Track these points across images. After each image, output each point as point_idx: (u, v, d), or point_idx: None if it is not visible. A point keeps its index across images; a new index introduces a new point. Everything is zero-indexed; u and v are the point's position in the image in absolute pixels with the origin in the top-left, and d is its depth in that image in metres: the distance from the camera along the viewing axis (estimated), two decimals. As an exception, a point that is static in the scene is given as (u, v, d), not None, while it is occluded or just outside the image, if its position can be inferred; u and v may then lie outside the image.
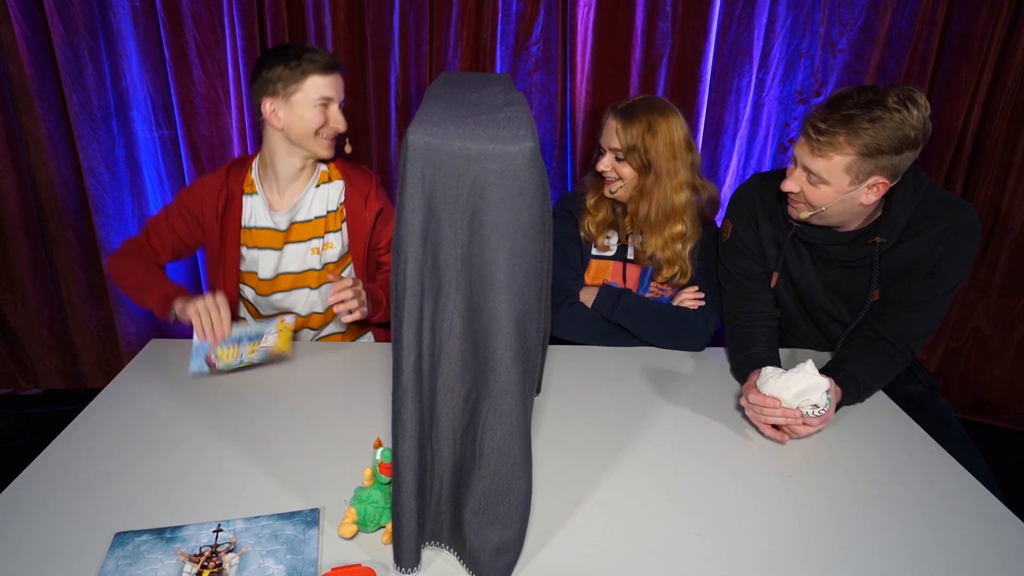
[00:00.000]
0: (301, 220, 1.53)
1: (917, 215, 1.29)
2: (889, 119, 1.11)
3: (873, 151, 1.14)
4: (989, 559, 0.92)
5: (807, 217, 1.30)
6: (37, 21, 1.94)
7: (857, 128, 1.13)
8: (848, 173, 1.18)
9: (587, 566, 0.88)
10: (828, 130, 1.15)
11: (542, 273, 0.82)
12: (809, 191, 1.24)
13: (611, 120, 1.47)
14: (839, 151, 1.16)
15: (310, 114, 1.41)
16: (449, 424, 0.84)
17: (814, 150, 1.18)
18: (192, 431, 1.14)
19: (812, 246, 1.38)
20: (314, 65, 1.38)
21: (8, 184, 2.10)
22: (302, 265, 1.55)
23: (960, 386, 2.51)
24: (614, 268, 1.57)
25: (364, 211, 1.54)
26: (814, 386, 1.13)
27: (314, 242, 1.54)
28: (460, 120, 0.77)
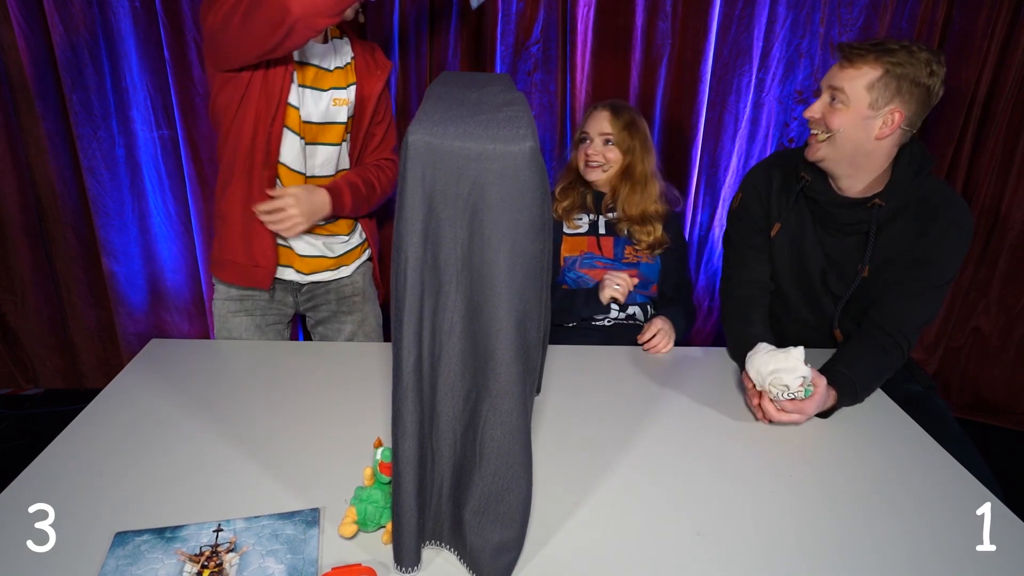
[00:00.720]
0: (329, 68, 1.49)
1: (915, 197, 1.34)
2: (917, 58, 1.23)
3: (897, 75, 1.24)
4: (989, 559, 0.92)
5: (823, 156, 1.34)
6: (37, 21, 1.94)
7: (888, 48, 1.24)
8: (870, 93, 1.26)
9: (587, 566, 0.88)
10: (860, 46, 1.26)
11: (542, 273, 0.82)
12: (830, 113, 1.31)
13: (599, 112, 1.71)
14: (866, 64, 1.25)
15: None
16: (449, 424, 0.84)
17: (842, 64, 1.28)
18: (192, 431, 1.14)
19: (816, 205, 1.42)
20: None
21: (8, 184, 2.10)
22: (325, 116, 1.50)
23: (960, 386, 2.51)
24: (588, 242, 1.73)
25: (376, 69, 1.54)
26: (790, 369, 1.17)
27: (336, 92, 1.50)
28: (460, 120, 0.77)
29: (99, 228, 2.17)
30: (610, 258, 1.72)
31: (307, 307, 1.70)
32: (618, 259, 1.72)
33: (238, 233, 1.52)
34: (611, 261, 1.71)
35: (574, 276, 1.71)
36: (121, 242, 2.20)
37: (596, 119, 1.71)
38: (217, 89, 1.43)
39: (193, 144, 2.12)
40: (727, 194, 2.30)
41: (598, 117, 1.70)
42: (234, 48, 1.32)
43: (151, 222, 2.22)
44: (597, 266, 1.70)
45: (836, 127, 1.30)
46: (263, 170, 1.46)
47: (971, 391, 2.50)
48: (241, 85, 1.40)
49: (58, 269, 2.28)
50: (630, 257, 1.73)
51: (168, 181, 2.18)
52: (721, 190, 2.30)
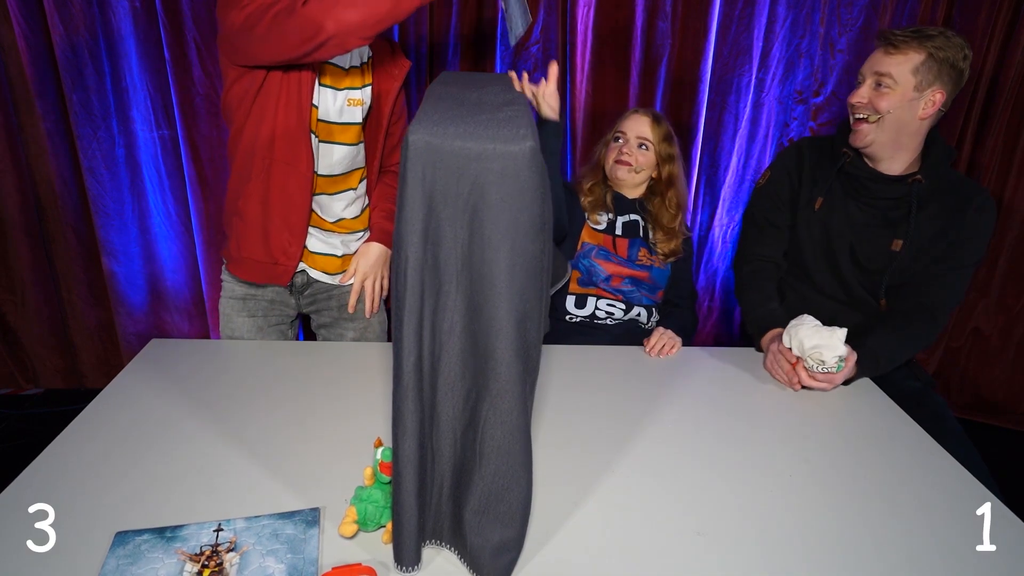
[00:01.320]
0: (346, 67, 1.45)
1: (947, 181, 1.43)
2: (953, 43, 1.33)
3: (939, 59, 1.32)
4: (989, 559, 0.92)
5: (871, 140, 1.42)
6: (37, 21, 1.94)
7: (929, 35, 1.33)
8: (915, 76, 1.34)
9: (587, 566, 0.88)
10: (903, 35, 1.34)
11: (542, 273, 0.82)
12: (876, 97, 1.38)
13: (640, 115, 1.73)
14: (911, 50, 1.34)
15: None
16: (449, 423, 0.84)
17: (888, 51, 1.36)
18: (192, 431, 1.14)
19: (854, 181, 1.50)
20: None
21: (8, 184, 2.10)
22: (340, 116, 1.47)
23: (960, 386, 2.51)
24: (605, 239, 1.75)
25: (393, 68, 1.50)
26: (831, 347, 1.28)
27: (352, 92, 1.47)
28: (460, 120, 0.77)
29: (99, 228, 2.17)
30: (624, 257, 1.74)
31: (309, 309, 1.70)
32: (632, 260, 1.74)
33: (258, 231, 1.50)
34: (625, 261, 1.74)
35: (588, 264, 1.73)
36: (121, 242, 2.20)
37: (636, 121, 1.73)
38: (231, 82, 1.39)
39: (193, 144, 2.12)
40: (727, 194, 2.30)
41: (638, 120, 1.72)
42: (255, 50, 1.29)
43: (151, 222, 2.22)
44: (612, 260, 1.73)
45: (885, 109, 1.37)
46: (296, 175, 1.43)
47: (971, 391, 2.50)
48: (258, 79, 1.35)
49: (58, 269, 2.28)
50: (643, 260, 1.75)
51: (168, 181, 2.18)
52: (721, 190, 2.30)
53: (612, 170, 1.74)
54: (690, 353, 1.53)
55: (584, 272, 1.73)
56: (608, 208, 1.76)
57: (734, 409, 1.28)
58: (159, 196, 2.19)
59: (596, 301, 1.72)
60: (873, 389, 1.38)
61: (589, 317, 1.72)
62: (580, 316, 1.73)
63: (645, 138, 1.70)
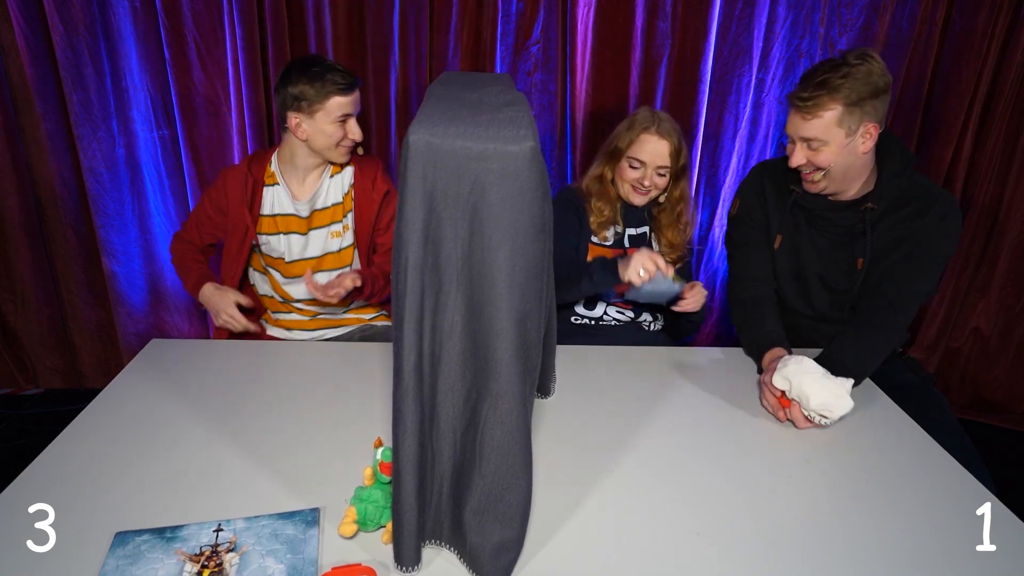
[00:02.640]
0: (320, 207, 1.66)
1: (903, 193, 1.40)
2: (856, 71, 1.28)
3: (855, 100, 1.29)
4: (989, 559, 0.92)
5: (823, 187, 1.42)
6: (37, 21, 1.94)
7: (834, 85, 1.29)
8: (841, 126, 1.32)
9: (587, 566, 0.88)
10: (810, 96, 1.31)
11: (543, 272, 0.82)
12: (814, 157, 1.36)
13: (659, 140, 1.61)
14: (826, 108, 1.31)
15: (331, 129, 1.54)
16: (449, 423, 0.84)
17: (804, 117, 1.34)
18: (192, 431, 1.14)
19: (810, 212, 1.49)
20: (336, 86, 1.50)
21: (8, 184, 2.09)
22: (323, 249, 1.68)
23: (960, 386, 2.51)
24: (613, 254, 1.69)
25: (372, 192, 1.67)
26: (840, 405, 1.18)
27: (334, 226, 1.67)
28: (460, 120, 0.77)
29: (99, 228, 2.17)
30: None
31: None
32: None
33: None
34: None
35: None
36: (121, 242, 2.20)
37: (655, 148, 1.61)
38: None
39: (193, 144, 2.12)
40: (727, 194, 2.30)
41: (658, 147, 1.61)
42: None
43: (151, 222, 2.22)
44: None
45: (826, 164, 1.37)
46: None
47: (971, 391, 2.50)
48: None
49: (58, 269, 2.28)
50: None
51: (168, 181, 2.18)
52: (721, 190, 2.30)
53: (628, 195, 1.67)
54: (690, 353, 1.53)
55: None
56: (617, 222, 1.71)
57: (734, 409, 1.28)
58: (159, 196, 2.19)
59: (605, 307, 1.72)
60: (872, 388, 1.38)
61: (596, 319, 1.72)
62: (588, 317, 1.72)
63: (664, 166, 1.63)
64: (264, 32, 1.99)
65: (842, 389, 1.19)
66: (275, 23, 1.97)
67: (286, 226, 1.65)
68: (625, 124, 1.66)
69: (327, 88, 1.50)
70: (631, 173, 1.64)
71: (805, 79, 1.34)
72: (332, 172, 1.66)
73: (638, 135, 1.62)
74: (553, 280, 1.06)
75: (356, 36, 2.04)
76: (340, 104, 1.52)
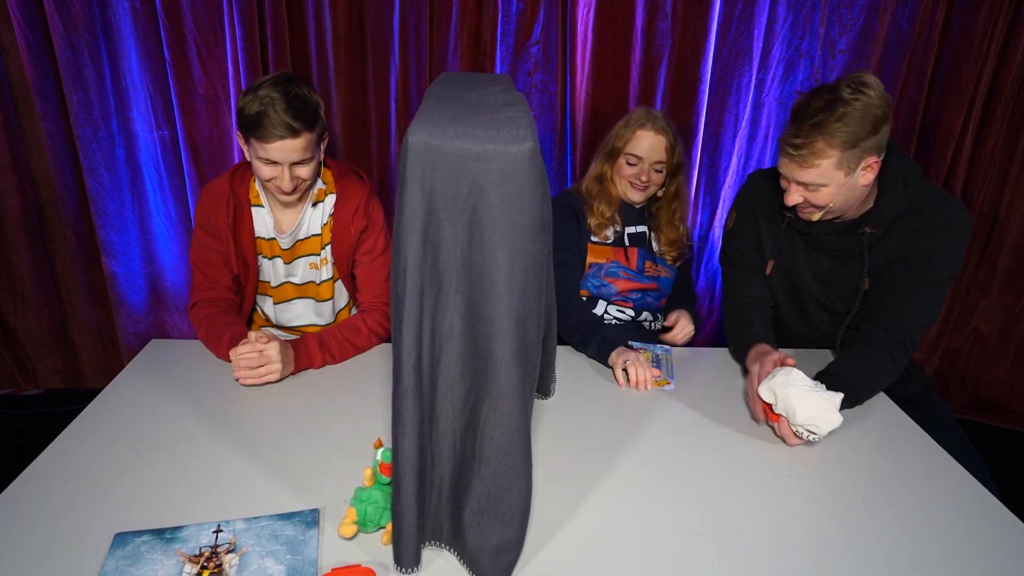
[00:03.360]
0: (302, 238, 1.55)
1: (906, 207, 1.32)
2: (853, 109, 1.16)
3: (853, 142, 1.18)
4: (988, 559, 0.92)
5: (818, 217, 1.33)
6: (37, 21, 1.94)
7: (830, 130, 1.17)
8: (840, 169, 1.22)
9: (587, 566, 0.88)
10: (805, 143, 1.20)
11: (542, 273, 0.81)
12: (812, 197, 1.28)
13: (655, 136, 1.64)
14: (823, 156, 1.20)
15: (258, 164, 1.38)
16: (449, 424, 0.84)
17: (800, 165, 1.23)
18: (192, 431, 1.14)
19: (805, 235, 1.42)
20: (263, 131, 1.31)
21: (8, 184, 2.10)
22: (303, 278, 1.59)
23: (960, 386, 2.51)
24: (615, 252, 1.72)
25: (350, 226, 1.53)
26: (829, 420, 1.12)
27: (312, 258, 1.57)
28: (460, 120, 0.77)
29: (99, 228, 2.17)
30: (634, 270, 1.72)
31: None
32: (640, 272, 1.73)
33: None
34: (635, 273, 1.72)
35: (597, 283, 1.71)
36: (121, 242, 2.20)
37: (652, 144, 1.64)
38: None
39: (193, 144, 2.12)
40: (727, 194, 2.30)
41: (654, 142, 1.64)
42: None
43: (151, 222, 2.22)
44: (622, 276, 1.71)
45: (825, 204, 1.28)
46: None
47: (971, 391, 2.50)
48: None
49: (58, 269, 2.28)
50: (650, 271, 1.75)
51: (168, 181, 2.18)
52: (721, 190, 2.30)
53: (626, 192, 1.70)
54: (690, 353, 1.53)
55: (593, 291, 1.72)
56: (616, 221, 1.73)
57: (734, 410, 1.28)
58: (159, 196, 2.19)
59: (607, 306, 1.72)
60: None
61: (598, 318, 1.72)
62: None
63: (661, 161, 1.66)
64: (264, 32, 1.99)
65: (830, 403, 1.13)
66: (275, 23, 1.97)
67: (270, 250, 1.54)
68: (621, 123, 1.70)
69: (257, 127, 1.32)
70: (629, 170, 1.67)
71: (797, 117, 1.22)
72: (316, 199, 1.52)
73: (634, 132, 1.66)
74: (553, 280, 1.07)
75: (356, 36, 2.04)
76: (265, 147, 1.33)
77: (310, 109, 1.36)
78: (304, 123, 1.34)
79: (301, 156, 1.37)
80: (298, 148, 1.35)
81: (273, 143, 1.32)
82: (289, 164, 1.37)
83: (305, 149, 1.37)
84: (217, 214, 1.46)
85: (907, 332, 1.33)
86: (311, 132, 1.36)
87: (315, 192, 1.52)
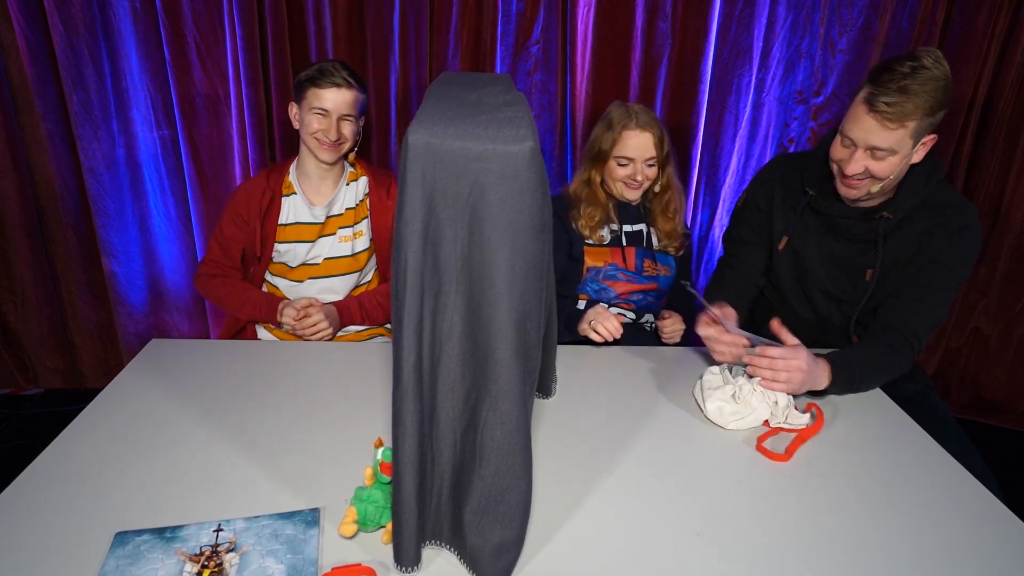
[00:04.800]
0: (335, 214, 1.70)
1: (924, 202, 1.33)
2: (937, 78, 1.18)
3: (933, 109, 1.20)
4: (988, 559, 0.92)
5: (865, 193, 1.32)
6: (37, 21, 1.94)
7: (919, 92, 1.18)
8: (912, 137, 1.22)
9: (587, 566, 0.88)
10: (895, 103, 1.18)
11: (542, 273, 0.82)
12: (876, 166, 1.26)
13: (640, 133, 1.61)
14: (910, 118, 1.19)
15: (308, 118, 1.60)
16: (449, 424, 0.84)
17: (886, 125, 1.20)
18: (192, 431, 1.14)
19: (822, 216, 1.43)
20: (319, 80, 1.56)
21: (8, 184, 2.09)
22: (330, 252, 1.71)
23: (960, 386, 2.51)
24: (612, 253, 1.70)
25: (387, 200, 1.72)
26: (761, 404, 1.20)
27: (344, 231, 1.71)
28: (460, 120, 0.77)
29: (99, 228, 2.17)
30: (632, 271, 1.71)
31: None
32: (639, 272, 1.71)
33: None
34: (633, 274, 1.71)
35: (596, 287, 1.70)
36: (121, 242, 2.20)
37: (639, 143, 1.62)
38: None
39: (193, 144, 2.12)
40: (727, 194, 2.30)
41: (642, 142, 1.62)
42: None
43: (151, 222, 2.22)
44: (620, 278, 1.70)
45: (887, 174, 1.26)
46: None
47: (971, 391, 2.50)
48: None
49: (58, 269, 2.28)
50: (649, 271, 1.73)
51: (168, 181, 2.18)
52: (721, 190, 2.30)
53: (622, 192, 1.68)
54: (690, 353, 1.53)
55: (593, 295, 1.71)
56: (611, 219, 1.71)
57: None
58: (159, 196, 2.19)
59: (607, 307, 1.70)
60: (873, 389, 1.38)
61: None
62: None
63: (652, 157, 1.64)
64: (264, 32, 1.99)
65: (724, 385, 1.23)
66: (275, 23, 1.97)
67: (297, 235, 1.68)
68: (603, 126, 1.66)
69: (314, 78, 1.57)
70: (621, 171, 1.65)
71: (882, 82, 1.20)
72: (348, 179, 1.71)
73: (619, 134, 1.62)
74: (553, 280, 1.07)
75: (356, 36, 2.04)
76: (318, 95, 1.57)
77: (360, 79, 1.62)
78: (356, 81, 1.60)
79: (349, 110, 1.59)
80: (348, 101, 1.58)
81: (328, 90, 1.56)
82: (338, 117, 1.58)
83: (353, 104, 1.60)
84: (250, 204, 1.65)
85: (914, 331, 1.34)
86: (360, 92, 1.61)
87: (347, 174, 1.71)
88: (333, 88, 1.56)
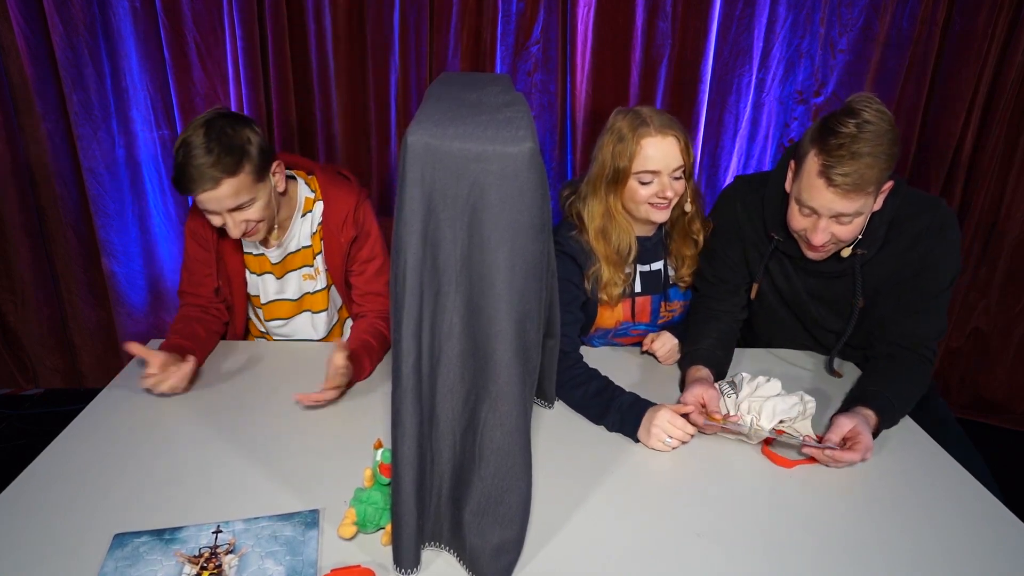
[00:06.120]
0: (293, 251, 1.51)
1: (893, 221, 1.29)
2: (884, 132, 1.12)
3: (889, 163, 1.15)
4: (988, 559, 0.92)
5: (844, 254, 1.29)
6: (37, 21, 1.94)
7: (873, 154, 1.12)
8: (874, 194, 1.18)
9: (587, 566, 0.88)
10: (851, 172, 1.12)
11: (542, 273, 0.81)
12: (842, 231, 1.21)
13: (663, 139, 1.31)
14: (870, 182, 1.14)
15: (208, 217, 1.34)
16: (449, 425, 0.84)
17: (847, 195, 1.15)
18: (192, 431, 1.14)
19: (792, 258, 1.38)
20: (183, 186, 1.26)
21: (8, 184, 2.10)
22: (298, 292, 1.55)
23: (960, 386, 2.51)
24: (623, 308, 1.48)
25: (339, 235, 1.47)
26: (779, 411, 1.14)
27: (305, 269, 1.53)
28: (460, 121, 0.77)
29: (99, 228, 2.17)
30: (646, 323, 1.50)
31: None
32: (653, 323, 1.51)
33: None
34: (647, 327, 1.50)
35: (603, 343, 1.54)
36: (121, 242, 2.20)
37: (663, 150, 1.31)
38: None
39: (193, 144, 2.12)
40: (727, 194, 2.30)
41: (664, 147, 1.31)
42: None
43: (151, 222, 2.22)
44: (632, 334, 1.51)
45: (854, 236, 1.24)
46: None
47: (971, 391, 2.49)
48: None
49: (58, 269, 2.28)
50: (665, 316, 1.52)
51: (168, 181, 2.18)
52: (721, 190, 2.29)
53: (647, 215, 1.36)
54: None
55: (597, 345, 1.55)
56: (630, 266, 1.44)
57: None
58: (159, 196, 2.19)
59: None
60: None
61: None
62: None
63: (680, 166, 1.33)
64: (264, 32, 1.99)
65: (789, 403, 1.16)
66: (275, 23, 1.97)
67: (259, 266, 1.50)
68: (611, 139, 1.34)
69: (181, 183, 1.27)
70: (645, 191, 1.33)
71: (830, 148, 1.13)
72: (304, 209, 1.47)
73: (637, 144, 1.30)
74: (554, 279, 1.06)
75: (356, 36, 2.04)
76: (198, 200, 1.28)
77: (234, 151, 1.24)
78: (223, 169, 1.23)
79: (235, 202, 1.27)
80: (226, 196, 1.26)
81: (201, 195, 1.25)
82: (226, 212, 1.28)
83: (236, 195, 1.26)
84: (206, 226, 1.41)
85: (926, 346, 1.31)
86: (234, 177, 1.25)
87: (303, 202, 1.47)
88: (204, 193, 1.25)
